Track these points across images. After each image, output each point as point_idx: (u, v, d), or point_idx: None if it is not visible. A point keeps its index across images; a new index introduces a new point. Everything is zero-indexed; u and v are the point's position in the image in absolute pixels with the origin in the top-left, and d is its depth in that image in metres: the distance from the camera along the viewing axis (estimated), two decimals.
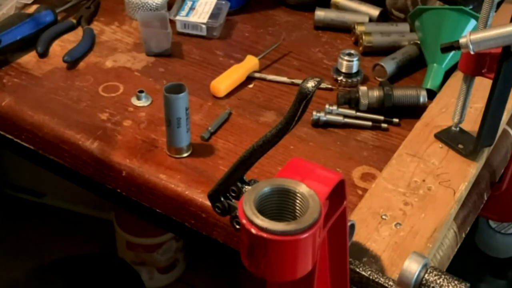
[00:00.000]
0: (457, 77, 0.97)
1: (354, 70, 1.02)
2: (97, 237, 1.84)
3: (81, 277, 1.19)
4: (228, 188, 0.70)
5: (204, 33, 1.12)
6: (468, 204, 0.85)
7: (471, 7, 1.03)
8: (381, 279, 0.68)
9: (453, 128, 0.88)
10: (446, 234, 0.80)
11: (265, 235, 0.50)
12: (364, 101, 0.95)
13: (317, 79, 0.59)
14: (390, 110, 0.95)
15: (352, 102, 0.96)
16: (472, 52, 0.75)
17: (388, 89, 0.95)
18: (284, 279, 0.53)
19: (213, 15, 1.13)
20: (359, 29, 1.11)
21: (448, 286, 0.64)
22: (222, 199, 0.71)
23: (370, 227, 0.75)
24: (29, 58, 1.06)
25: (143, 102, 0.97)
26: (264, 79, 1.04)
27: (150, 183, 0.85)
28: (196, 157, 0.88)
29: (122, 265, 1.25)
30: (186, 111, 0.84)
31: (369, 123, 0.94)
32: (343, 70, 1.02)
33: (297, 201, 0.54)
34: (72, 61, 1.05)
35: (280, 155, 0.87)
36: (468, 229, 0.86)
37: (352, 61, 1.01)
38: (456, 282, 0.64)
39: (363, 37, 1.09)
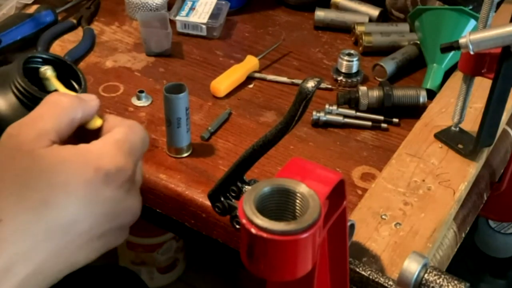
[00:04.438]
0: (457, 77, 0.97)
1: (354, 70, 1.02)
2: None
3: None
4: (228, 188, 0.70)
5: (204, 33, 1.12)
6: (468, 204, 0.85)
7: (471, 7, 1.03)
8: (381, 279, 0.68)
9: (453, 128, 0.88)
10: (446, 234, 0.80)
11: (265, 235, 0.50)
12: (364, 101, 0.95)
13: (317, 79, 0.59)
14: (390, 110, 0.95)
15: (352, 102, 0.96)
16: (471, 52, 0.75)
17: (388, 89, 0.95)
18: (284, 279, 0.53)
19: (213, 15, 1.13)
20: (359, 29, 1.11)
21: (448, 286, 0.64)
22: (222, 199, 0.71)
23: (370, 227, 0.75)
24: None
25: (143, 102, 0.97)
26: (264, 79, 1.04)
27: (150, 183, 0.85)
28: (196, 157, 0.88)
29: (126, 273, 1.25)
30: (186, 111, 0.84)
31: (369, 123, 0.94)
32: (343, 70, 1.02)
33: (297, 201, 0.54)
34: (72, 61, 1.05)
35: (280, 155, 0.88)
36: (468, 229, 0.86)
37: (352, 61, 1.02)
38: (456, 282, 0.64)
39: (363, 37, 1.09)
